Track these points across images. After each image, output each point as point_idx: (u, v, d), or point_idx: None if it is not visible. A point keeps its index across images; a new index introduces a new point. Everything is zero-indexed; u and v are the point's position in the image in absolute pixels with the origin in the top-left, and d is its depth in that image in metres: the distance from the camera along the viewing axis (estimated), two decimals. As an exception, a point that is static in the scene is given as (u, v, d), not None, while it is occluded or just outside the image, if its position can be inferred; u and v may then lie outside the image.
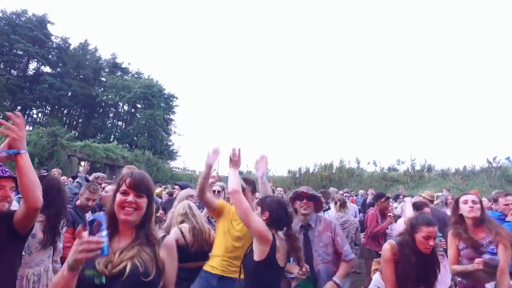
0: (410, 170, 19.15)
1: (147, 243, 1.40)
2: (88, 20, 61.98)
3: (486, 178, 15.26)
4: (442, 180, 16.96)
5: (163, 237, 1.51)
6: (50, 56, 33.99)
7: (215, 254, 2.74)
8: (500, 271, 2.45)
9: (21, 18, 31.84)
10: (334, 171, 20.74)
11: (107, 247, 1.14)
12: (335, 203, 4.90)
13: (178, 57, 71.52)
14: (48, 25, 33.45)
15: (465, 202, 2.68)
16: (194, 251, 2.85)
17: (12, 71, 32.14)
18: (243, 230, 2.69)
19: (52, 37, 34.34)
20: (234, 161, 2.52)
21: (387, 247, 2.34)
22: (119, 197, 1.39)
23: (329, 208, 4.99)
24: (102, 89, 36.22)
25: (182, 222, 3.11)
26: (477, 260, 2.45)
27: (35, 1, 52.17)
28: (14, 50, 30.96)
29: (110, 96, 34.47)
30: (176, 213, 3.27)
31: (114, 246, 1.35)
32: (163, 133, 35.49)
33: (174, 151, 36.99)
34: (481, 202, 2.71)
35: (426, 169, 19.07)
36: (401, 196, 7.85)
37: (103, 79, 37.21)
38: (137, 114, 35.10)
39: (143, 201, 1.41)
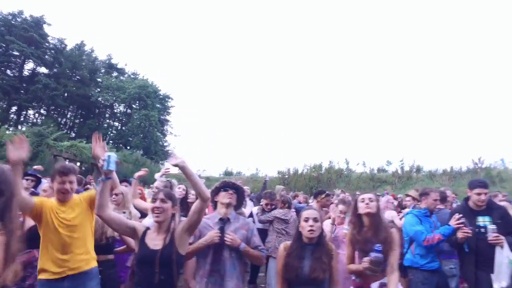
0: (399, 171, 19.07)
1: None
2: (85, 21, 62.38)
3: (471, 178, 15.14)
4: (429, 181, 16.84)
5: None
6: (46, 57, 34.14)
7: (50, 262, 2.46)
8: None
9: (17, 19, 32.03)
10: (323, 171, 20.70)
11: None
12: (281, 202, 4.95)
13: (175, 58, 71.76)
14: (45, 26, 33.58)
15: (362, 200, 2.66)
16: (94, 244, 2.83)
17: (8, 71, 32.37)
18: (78, 218, 2.61)
19: (49, 38, 34.52)
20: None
21: (280, 246, 2.48)
22: None
23: (275, 208, 4.96)
24: (98, 89, 36.36)
25: None
26: (364, 258, 2.45)
27: (32, 2, 52.48)
28: (10, 51, 31.16)
29: (105, 97, 34.62)
30: None
31: None
32: (159, 134, 35.62)
33: (169, 152, 37.06)
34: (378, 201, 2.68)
35: (414, 170, 18.97)
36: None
37: (99, 79, 37.36)
38: (133, 115, 35.17)
39: None
